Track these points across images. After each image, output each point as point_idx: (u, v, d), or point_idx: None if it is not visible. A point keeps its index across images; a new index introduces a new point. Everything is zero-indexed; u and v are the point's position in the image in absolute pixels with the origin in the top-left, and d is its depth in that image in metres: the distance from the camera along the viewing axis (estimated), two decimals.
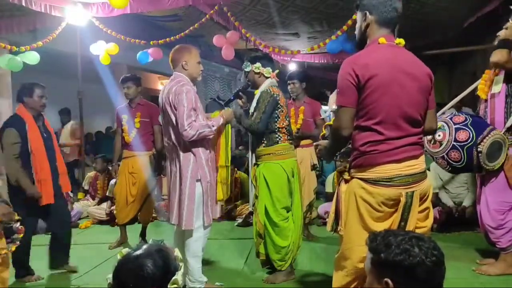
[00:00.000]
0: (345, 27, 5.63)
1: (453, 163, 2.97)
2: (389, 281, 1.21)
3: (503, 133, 2.98)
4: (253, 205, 3.21)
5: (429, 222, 2.03)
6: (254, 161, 3.24)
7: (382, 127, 1.88)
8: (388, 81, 1.87)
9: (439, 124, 2.97)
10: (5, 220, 2.44)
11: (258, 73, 3.20)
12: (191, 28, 6.22)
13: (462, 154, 2.91)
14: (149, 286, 1.18)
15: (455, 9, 6.21)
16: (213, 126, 2.85)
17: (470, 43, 6.27)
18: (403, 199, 1.88)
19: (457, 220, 4.48)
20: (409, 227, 1.91)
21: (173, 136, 2.86)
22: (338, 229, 2.03)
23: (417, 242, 1.21)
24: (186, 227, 2.81)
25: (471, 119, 2.99)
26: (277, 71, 3.31)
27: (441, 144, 2.97)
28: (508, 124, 2.99)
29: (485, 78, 3.20)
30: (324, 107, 4.41)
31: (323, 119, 4.12)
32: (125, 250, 1.29)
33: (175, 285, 1.22)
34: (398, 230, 1.31)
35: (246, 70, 3.24)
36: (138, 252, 1.25)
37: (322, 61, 8.78)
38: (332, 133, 2.09)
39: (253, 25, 6.59)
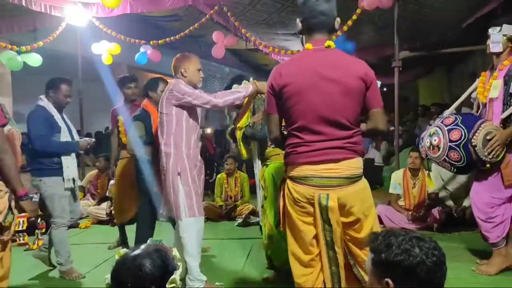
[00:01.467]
0: (345, 27, 5.63)
1: (455, 163, 3.03)
2: (390, 281, 1.21)
3: (498, 126, 3.00)
4: (262, 206, 3.19)
5: (364, 233, 2.00)
6: (258, 164, 3.23)
7: (301, 133, 1.97)
8: (303, 88, 1.93)
9: (432, 129, 3.16)
10: (32, 216, 2.47)
11: None
12: (191, 28, 6.23)
13: (460, 152, 2.97)
14: (147, 285, 1.18)
15: (454, 9, 6.22)
16: (241, 92, 2.95)
17: (470, 43, 6.27)
18: (316, 199, 1.95)
19: (457, 220, 4.49)
20: (335, 232, 1.97)
21: (161, 137, 2.98)
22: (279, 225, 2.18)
23: (418, 242, 1.21)
24: (177, 217, 2.96)
25: (460, 117, 3.07)
26: (251, 78, 3.26)
27: (439, 148, 3.07)
28: (503, 116, 3.00)
29: (482, 81, 3.23)
30: None
31: None
32: (123, 251, 1.29)
33: (173, 285, 1.23)
34: (400, 231, 1.31)
35: None
36: (136, 252, 1.25)
37: None
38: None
39: (253, 25, 6.59)
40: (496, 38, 3.11)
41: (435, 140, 3.09)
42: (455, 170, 3.13)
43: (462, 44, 6.46)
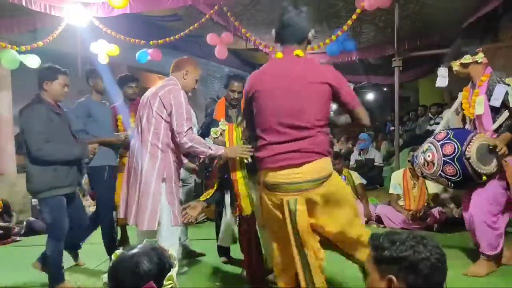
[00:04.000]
0: (345, 27, 5.64)
1: (452, 178, 3.00)
2: (393, 278, 1.21)
3: (490, 136, 3.00)
4: None
5: (338, 225, 2.11)
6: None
7: (265, 134, 2.09)
8: (268, 93, 2.07)
9: (426, 146, 3.14)
10: None
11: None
12: (191, 28, 6.23)
13: (455, 166, 2.95)
14: (145, 283, 1.19)
15: (455, 9, 6.22)
16: (210, 149, 2.73)
17: (470, 43, 6.28)
18: (285, 205, 2.01)
19: (457, 220, 4.49)
20: (303, 234, 2.02)
21: (145, 132, 2.75)
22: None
23: (422, 240, 1.23)
24: (148, 227, 2.68)
25: (452, 132, 3.08)
26: (222, 120, 3.24)
27: (433, 164, 3.05)
28: (494, 127, 3.01)
29: (466, 96, 3.25)
30: None
31: None
32: (119, 251, 1.30)
33: (170, 281, 1.24)
34: (401, 230, 1.33)
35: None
36: (133, 251, 1.26)
37: (322, 61, 8.77)
38: None
39: (253, 25, 6.59)
40: (441, 72, 3.28)
41: (429, 156, 3.07)
42: (452, 185, 3.08)
43: (462, 44, 6.46)
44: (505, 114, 2.99)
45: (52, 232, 3.06)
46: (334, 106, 2.60)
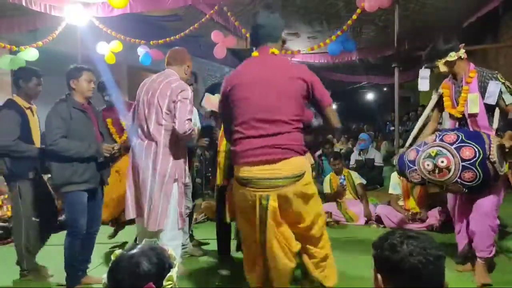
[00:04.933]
0: (345, 27, 5.64)
1: (468, 183, 2.75)
2: (379, 276, 1.23)
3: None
4: None
5: (305, 223, 2.16)
6: None
7: (242, 127, 2.11)
8: (244, 88, 2.12)
9: (433, 150, 2.81)
10: None
11: None
12: (191, 28, 6.23)
13: (476, 171, 2.70)
14: (144, 283, 1.18)
15: (455, 9, 6.23)
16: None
17: (470, 43, 6.28)
18: (257, 200, 2.03)
19: None
20: (269, 231, 2.04)
21: (154, 132, 2.73)
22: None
23: (408, 240, 1.21)
24: (159, 227, 2.70)
25: (462, 133, 2.83)
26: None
27: (449, 170, 2.75)
28: (495, 125, 2.89)
29: (447, 94, 3.06)
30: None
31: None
32: (119, 251, 1.30)
33: (170, 282, 1.23)
34: (401, 229, 1.32)
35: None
36: (132, 251, 1.26)
37: (322, 61, 8.78)
38: None
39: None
40: (423, 74, 3.14)
41: (442, 161, 2.75)
42: (466, 191, 2.82)
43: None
44: (497, 111, 2.90)
45: (68, 229, 3.04)
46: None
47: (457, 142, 2.77)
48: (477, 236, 2.95)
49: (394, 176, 5.00)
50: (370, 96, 17.89)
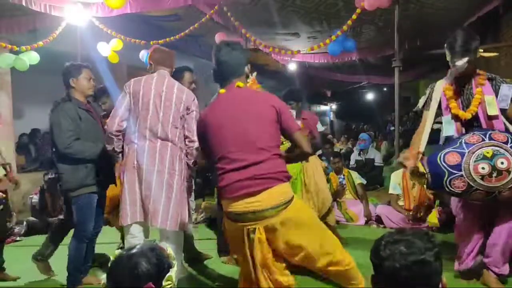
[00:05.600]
0: (345, 27, 5.64)
1: None
2: (370, 277, 1.25)
3: None
4: None
5: (302, 250, 2.09)
6: None
7: (221, 162, 2.08)
8: (218, 124, 2.11)
9: (488, 150, 2.45)
10: None
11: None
12: (191, 28, 6.24)
13: None
14: (144, 283, 1.18)
15: (455, 9, 6.22)
16: None
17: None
18: (245, 234, 2.01)
19: None
20: (258, 261, 2.02)
21: (171, 134, 2.71)
22: None
23: (393, 244, 1.20)
24: (170, 227, 2.67)
25: (510, 134, 2.57)
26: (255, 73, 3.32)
27: (509, 173, 2.42)
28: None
29: (450, 95, 2.82)
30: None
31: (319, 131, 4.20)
32: (118, 251, 1.30)
33: (169, 282, 1.24)
34: (400, 230, 1.31)
35: None
36: (131, 251, 1.26)
37: (322, 61, 8.79)
38: None
39: (253, 25, 6.60)
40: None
41: (502, 163, 2.41)
42: None
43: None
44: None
45: (75, 231, 3.02)
46: None
47: (510, 142, 2.48)
48: (497, 251, 2.72)
49: (394, 176, 5.00)
50: (370, 96, 17.88)
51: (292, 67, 9.64)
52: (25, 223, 5.31)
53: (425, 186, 2.78)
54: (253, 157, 2.01)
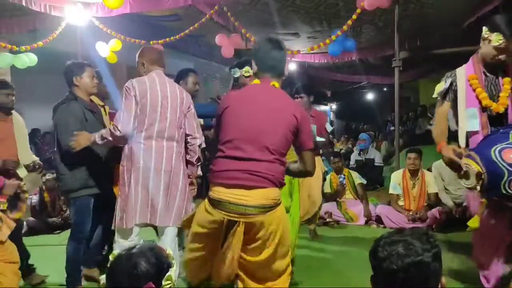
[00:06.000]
0: (345, 27, 5.64)
1: None
2: (370, 277, 1.25)
3: None
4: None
5: (264, 256, 2.04)
6: None
7: (225, 146, 2.07)
8: (238, 109, 2.10)
9: None
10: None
11: (249, 76, 3.22)
12: (191, 28, 6.24)
13: None
14: (143, 283, 1.18)
15: (455, 9, 6.22)
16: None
17: (470, 43, 6.28)
18: (225, 224, 1.98)
19: (457, 220, 4.49)
20: (232, 253, 1.98)
21: (176, 134, 2.75)
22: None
23: (391, 245, 1.21)
24: (173, 224, 2.70)
25: None
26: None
27: None
28: None
29: (477, 85, 2.55)
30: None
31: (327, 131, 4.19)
32: (117, 252, 1.30)
33: (169, 281, 1.24)
34: (399, 230, 1.31)
35: (235, 76, 3.31)
36: (130, 251, 1.26)
37: (322, 61, 8.79)
38: None
39: (253, 25, 6.60)
40: None
41: None
42: None
43: (462, 44, 6.46)
44: None
45: (73, 233, 3.01)
46: None
47: None
48: None
49: (394, 176, 5.01)
50: (370, 96, 17.86)
51: (292, 67, 9.64)
52: (24, 223, 5.32)
53: (477, 188, 2.29)
54: (258, 154, 2.00)
